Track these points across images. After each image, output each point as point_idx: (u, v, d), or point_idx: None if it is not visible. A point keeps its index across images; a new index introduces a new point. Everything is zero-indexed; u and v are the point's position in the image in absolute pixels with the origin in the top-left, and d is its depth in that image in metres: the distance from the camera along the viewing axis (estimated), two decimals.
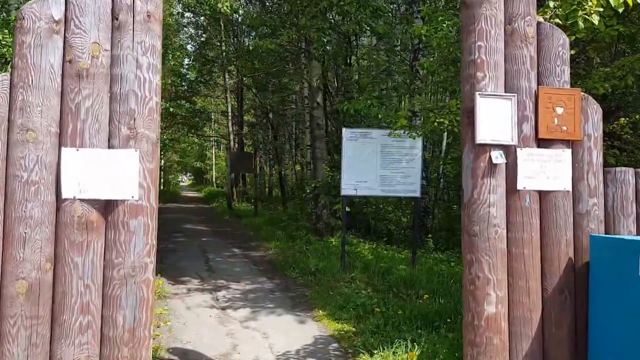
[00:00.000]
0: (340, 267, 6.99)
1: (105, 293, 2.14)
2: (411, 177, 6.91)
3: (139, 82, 2.17)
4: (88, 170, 2.13)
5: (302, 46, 10.41)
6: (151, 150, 2.20)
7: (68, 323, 2.09)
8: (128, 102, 2.16)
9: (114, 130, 2.16)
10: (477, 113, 2.32)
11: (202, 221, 15.42)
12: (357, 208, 10.24)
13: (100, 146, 2.16)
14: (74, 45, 2.14)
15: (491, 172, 2.36)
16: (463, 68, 2.44)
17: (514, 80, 2.44)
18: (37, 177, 2.09)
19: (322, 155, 10.48)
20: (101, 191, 2.14)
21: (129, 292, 2.14)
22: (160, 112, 2.34)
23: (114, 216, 2.15)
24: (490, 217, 2.33)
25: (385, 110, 6.68)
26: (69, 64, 2.14)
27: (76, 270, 2.11)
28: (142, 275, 2.16)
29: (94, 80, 2.14)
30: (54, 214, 2.13)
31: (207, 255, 8.93)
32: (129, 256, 2.14)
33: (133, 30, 2.18)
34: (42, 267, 2.09)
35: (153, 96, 2.21)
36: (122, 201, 2.16)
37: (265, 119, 18.74)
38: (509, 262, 2.36)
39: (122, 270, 2.14)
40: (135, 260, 2.15)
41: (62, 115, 2.14)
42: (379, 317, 4.78)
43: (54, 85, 2.13)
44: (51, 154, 2.12)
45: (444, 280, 6.07)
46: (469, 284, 2.34)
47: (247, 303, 5.63)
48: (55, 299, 2.11)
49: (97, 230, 2.13)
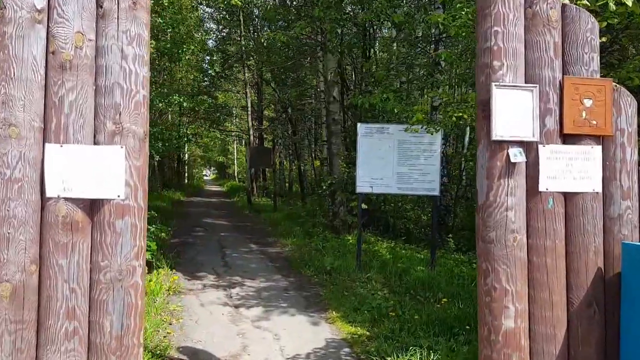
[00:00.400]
0: (356, 267, 6.81)
1: (92, 297, 2.03)
2: (430, 174, 6.65)
3: (124, 74, 2.05)
4: (73, 168, 2.03)
5: (319, 39, 10.21)
6: (138, 146, 2.08)
7: (54, 328, 2.00)
8: (113, 96, 2.04)
9: (99, 125, 2.05)
10: (494, 106, 2.09)
11: (222, 215, 15.53)
12: (374, 205, 10.03)
13: (85, 142, 2.04)
14: (57, 35, 2.03)
15: (509, 172, 2.13)
16: (478, 56, 2.21)
17: (536, 70, 2.20)
18: (21, 174, 1.99)
19: (339, 151, 10.29)
20: (86, 190, 2.03)
21: (116, 297, 2.03)
22: (149, 105, 2.21)
23: (99, 216, 2.04)
24: (508, 222, 2.10)
25: (402, 104, 6.42)
26: (52, 55, 2.03)
27: (61, 272, 2.01)
28: (129, 280, 2.05)
29: (78, 72, 2.02)
30: (38, 214, 2.03)
31: (225, 251, 8.94)
32: (116, 259, 2.03)
33: (118, 18, 2.05)
34: (27, 269, 1.99)
35: (140, 89, 2.08)
36: (107, 200, 2.04)
37: (285, 114, 18.69)
38: (529, 272, 2.13)
39: (109, 273, 2.03)
40: (123, 264, 2.04)
41: (46, 109, 2.03)
42: (394, 321, 4.59)
43: (37, 78, 2.02)
44: (35, 150, 2.01)
45: (464, 283, 5.83)
46: (484, 295, 2.13)
47: (261, 301, 5.55)
48: (40, 302, 2.02)
49: (82, 231, 2.03)
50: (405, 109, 6.23)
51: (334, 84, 10.10)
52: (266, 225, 12.84)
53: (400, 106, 6.27)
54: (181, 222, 12.91)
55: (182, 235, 10.48)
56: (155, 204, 14.83)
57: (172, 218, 13.22)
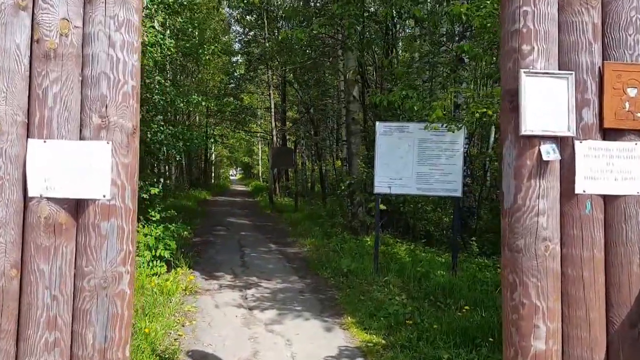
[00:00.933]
0: (373, 269, 6.58)
1: (75, 306, 1.87)
2: (451, 174, 6.36)
3: (111, 63, 1.88)
4: (56, 165, 1.87)
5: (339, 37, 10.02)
6: (126, 141, 1.91)
7: (33, 339, 1.84)
8: (99, 87, 1.88)
9: (85, 119, 1.89)
10: (523, 96, 1.83)
11: (244, 215, 15.63)
12: (394, 206, 9.78)
13: (70, 137, 1.88)
14: (41, 22, 1.87)
15: (540, 172, 1.86)
16: (504, 41, 1.95)
17: (571, 55, 1.93)
18: (2, 172, 1.84)
19: (358, 150, 10.08)
20: (71, 189, 1.87)
21: (100, 306, 1.86)
22: (140, 98, 2.03)
23: (84, 218, 1.88)
24: (539, 228, 1.83)
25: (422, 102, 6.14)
26: (36, 44, 1.87)
27: (42, 279, 1.85)
28: (115, 287, 1.88)
29: (63, 62, 1.87)
30: (20, 215, 1.87)
31: (244, 250, 8.93)
32: (100, 264, 1.86)
33: (105, 2, 1.88)
34: (7, 274, 1.84)
35: (128, 79, 1.91)
36: (92, 201, 1.88)
37: (307, 114, 18.65)
38: (563, 286, 1.86)
39: (93, 280, 1.86)
40: (107, 270, 1.87)
41: (30, 102, 1.88)
42: (412, 330, 4.35)
43: (21, 69, 1.87)
44: (17, 146, 1.86)
45: (487, 289, 5.55)
46: (510, 311, 1.87)
47: (275, 303, 5.42)
48: (21, 310, 1.86)
49: (66, 234, 1.87)
50: (426, 107, 5.95)
51: (354, 82, 9.88)
52: (286, 225, 12.81)
53: (421, 104, 5.99)
54: (204, 221, 13.01)
55: (204, 234, 10.52)
56: (182, 203, 15.02)
57: (196, 217, 13.32)
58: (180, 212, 10.93)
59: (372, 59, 11.30)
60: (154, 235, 6.37)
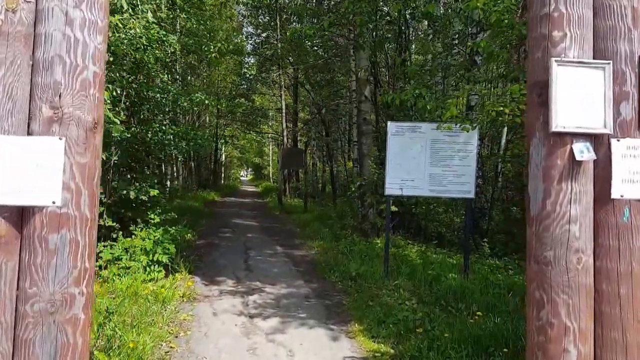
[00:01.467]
0: (383, 273, 6.37)
1: (17, 335, 1.60)
2: (465, 175, 6.12)
3: (68, 44, 1.61)
4: None
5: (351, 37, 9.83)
6: (84, 137, 1.64)
7: None
8: (52, 72, 1.61)
9: (34, 110, 1.62)
10: (554, 88, 1.62)
11: (252, 216, 15.47)
12: (405, 208, 9.57)
13: (15, 132, 1.61)
14: None
15: (573, 173, 1.65)
16: (532, 26, 1.74)
17: (608, 42, 1.72)
18: None
19: (369, 151, 9.88)
20: (13, 194, 1.58)
21: (46, 335, 1.58)
22: (103, 87, 1.75)
23: (29, 229, 1.60)
24: (570, 238, 1.63)
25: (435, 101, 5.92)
26: None
27: None
28: (65, 312, 1.59)
29: (8, 42, 1.60)
30: None
31: (249, 253, 8.70)
32: (47, 285, 1.58)
33: None
34: None
35: (89, 64, 1.64)
36: (39, 208, 1.60)
37: (318, 115, 18.53)
38: (596, 304, 1.65)
39: (38, 304, 1.58)
40: (56, 292, 1.59)
41: None
42: (422, 338, 4.13)
43: None
44: None
45: (500, 293, 5.36)
46: (536, 332, 1.65)
47: (278, 310, 5.17)
48: None
49: (6, 249, 1.58)
50: (439, 106, 5.73)
51: (366, 82, 9.68)
52: (295, 227, 12.62)
53: (434, 103, 5.77)
54: (210, 223, 12.83)
55: (208, 236, 10.34)
56: (188, 204, 14.90)
57: (202, 218, 13.17)
58: (186, 214, 10.79)
59: (384, 59, 11.11)
60: (153, 239, 6.12)
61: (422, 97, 5.74)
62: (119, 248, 5.90)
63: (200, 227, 11.44)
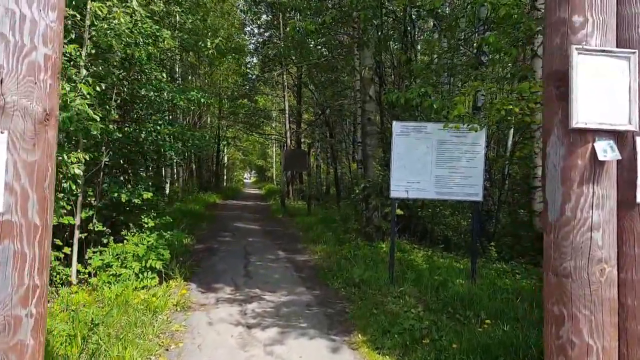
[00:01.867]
0: (388, 279, 6.19)
1: None
2: (472, 177, 5.94)
3: (11, 21, 1.40)
4: None
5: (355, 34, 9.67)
6: (32, 131, 1.42)
7: None
8: None
9: None
10: (574, 79, 1.46)
11: (254, 219, 15.27)
12: (411, 211, 9.38)
13: None
14: None
15: (595, 175, 1.49)
16: (550, 10, 1.57)
17: (632, 30, 1.55)
18: None
19: (374, 152, 9.67)
20: None
21: None
22: (57, 72, 1.51)
23: None
24: (592, 246, 1.46)
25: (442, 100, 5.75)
26: None
27: None
28: (8, 338, 1.37)
29: None
30: None
31: (249, 258, 8.49)
32: None
33: None
34: None
35: (39, 45, 1.43)
36: None
37: (322, 116, 18.37)
38: (620, 320, 1.48)
39: None
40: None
41: None
42: (429, 350, 3.95)
43: None
44: None
45: (508, 298, 5.23)
46: (556, 352, 1.48)
47: (278, 320, 4.96)
48: None
49: None
50: (446, 105, 5.56)
51: (370, 81, 9.50)
52: (298, 230, 12.44)
53: (440, 102, 5.60)
54: (211, 226, 12.65)
55: (207, 241, 10.15)
56: (188, 207, 14.74)
57: (202, 221, 13.00)
58: (186, 217, 10.60)
59: (389, 59, 10.96)
60: (146, 244, 5.88)
61: (428, 95, 5.57)
62: (109, 254, 5.70)
63: (200, 230, 11.28)
